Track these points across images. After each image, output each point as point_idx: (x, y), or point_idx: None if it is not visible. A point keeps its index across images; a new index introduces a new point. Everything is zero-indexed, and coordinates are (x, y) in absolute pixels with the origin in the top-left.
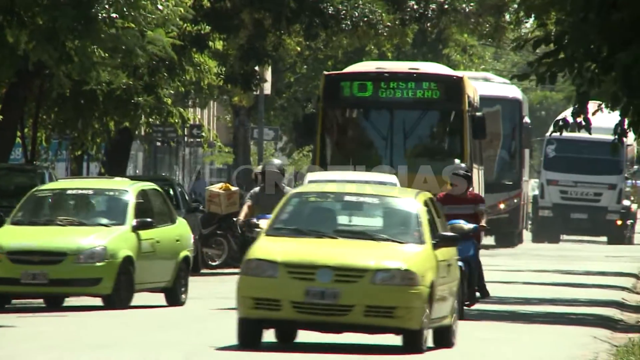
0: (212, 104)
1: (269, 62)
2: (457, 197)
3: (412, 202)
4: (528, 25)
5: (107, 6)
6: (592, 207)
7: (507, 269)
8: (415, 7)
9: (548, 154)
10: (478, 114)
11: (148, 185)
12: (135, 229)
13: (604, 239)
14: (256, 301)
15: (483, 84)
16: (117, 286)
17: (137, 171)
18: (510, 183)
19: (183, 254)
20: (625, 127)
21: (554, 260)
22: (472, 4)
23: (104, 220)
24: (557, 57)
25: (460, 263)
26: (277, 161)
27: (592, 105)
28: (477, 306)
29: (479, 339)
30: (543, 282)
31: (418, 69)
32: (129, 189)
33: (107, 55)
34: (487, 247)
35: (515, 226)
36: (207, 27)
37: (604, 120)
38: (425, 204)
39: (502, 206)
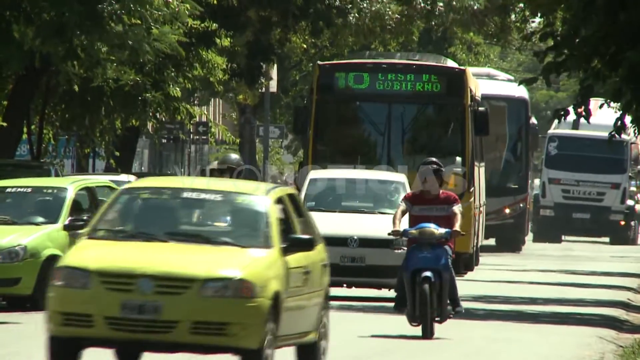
0: (217, 101)
1: (275, 59)
2: (428, 197)
3: (262, 200)
4: (534, 24)
5: (114, 2)
6: (595, 206)
7: (512, 268)
8: (422, 4)
9: (550, 152)
10: (480, 109)
11: (95, 182)
12: (67, 227)
13: (606, 239)
14: (66, 317)
15: (487, 82)
16: (40, 286)
17: (143, 168)
18: (516, 187)
19: None
20: (628, 123)
21: (558, 260)
22: (479, 2)
23: (38, 219)
24: (563, 52)
25: (428, 273)
26: (234, 156)
27: (595, 102)
28: (483, 305)
29: (485, 338)
30: (548, 282)
31: (418, 60)
32: (68, 187)
33: (113, 51)
34: (488, 249)
35: (520, 231)
36: (213, 24)
37: (607, 117)
38: (279, 201)
39: (507, 211)
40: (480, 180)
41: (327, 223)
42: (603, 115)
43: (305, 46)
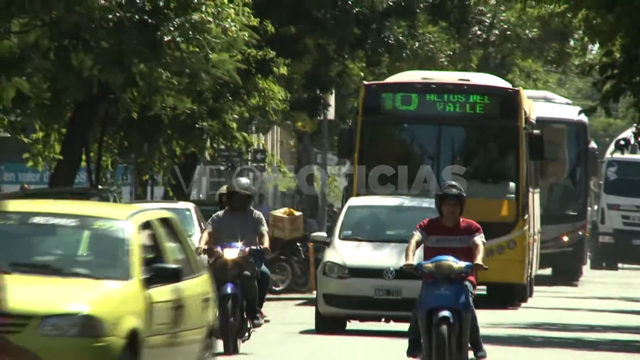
0: (275, 129)
1: (333, 87)
2: (446, 226)
3: (123, 225)
4: (594, 51)
5: (172, 30)
6: None
7: (569, 295)
8: (478, 32)
9: (609, 177)
10: (535, 131)
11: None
12: None
13: None
14: None
15: (544, 105)
16: None
17: (201, 195)
18: (575, 214)
19: None
20: None
21: (617, 287)
22: (534, 30)
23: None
24: (622, 79)
25: (447, 313)
26: (245, 180)
27: None
28: (541, 332)
29: None
30: (607, 309)
31: (469, 80)
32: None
33: (172, 79)
34: (544, 279)
35: (579, 260)
36: (271, 52)
37: None
38: (145, 226)
39: (565, 239)
40: (535, 207)
41: (362, 253)
42: None
43: (362, 74)
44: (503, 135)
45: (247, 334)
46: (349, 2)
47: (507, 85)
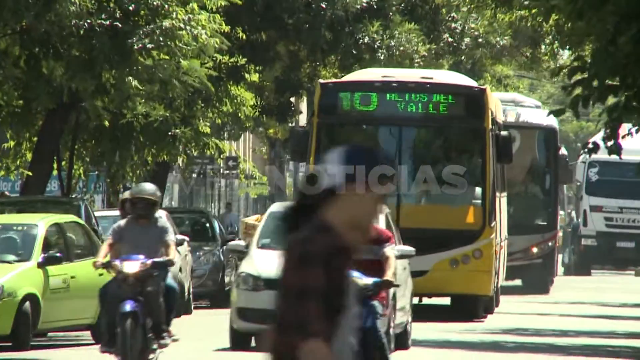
0: (247, 136)
1: (304, 93)
2: None
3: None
4: (565, 57)
5: (143, 37)
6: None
7: (542, 300)
8: (449, 40)
9: (590, 178)
10: (503, 133)
11: (63, 219)
12: (41, 265)
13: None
14: None
15: (512, 108)
16: (16, 325)
17: (173, 203)
18: (544, 224)
19: None
20: None
21: (589, 292)
22: (506, 37)
23: (10, 257)
24: (591, 84)
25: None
26: (150, 186)
27: (621, 129)
28: (514, 337)
29: None
30: (579, 314)
31: (432, 78)
32: (39, 224)
33: (143, 86)
34: (512, 290)
35: (549, 273)
36: (242, 59)
37: None
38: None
39: (534, 250)
40: (502, 213)
41: (276, 263)
42: None
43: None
44: (468, 136)
45: (152, 355)
46: (322, 5)
47: (473, 83)
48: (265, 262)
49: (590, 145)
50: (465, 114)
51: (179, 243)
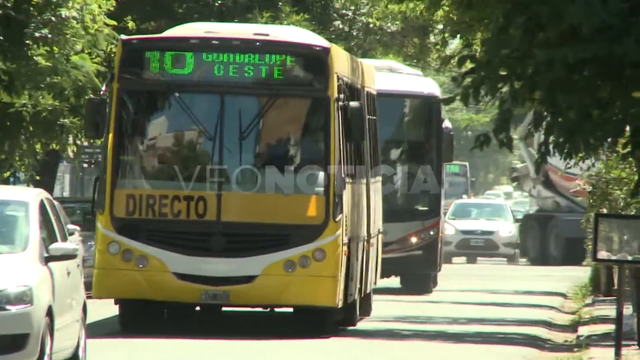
0: None
1: None
2: None
3: None
4: (453, 46)
5: (41, 26)
6: None
7: (435, 289)
8: (341, 26)
9: None
10: (353, 104)
11: None
12: None
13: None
14: None
15: (387, 76)
16: None
17: (65, 193)
18: (425, 209)
19: None
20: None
21: (481, 279)
22: (396, 22)
23: None
24: (481, 74)
25: None
26: None
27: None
28: (407, 325)
29: (408, 359)
30: (471, 302)
31: (268, 34)
32: None
33: (32, 77)
34: (391, 291)
35: (430, 266)
36: None
37: None
38: None
39: (413, 240)
40: (376, 201)
41: None
42: None
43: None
44: (308, 108)
45: None
46: None
47: (317, 41)
48: None
49: (481, 138)
50: (303, 79)
51: (70, 233)
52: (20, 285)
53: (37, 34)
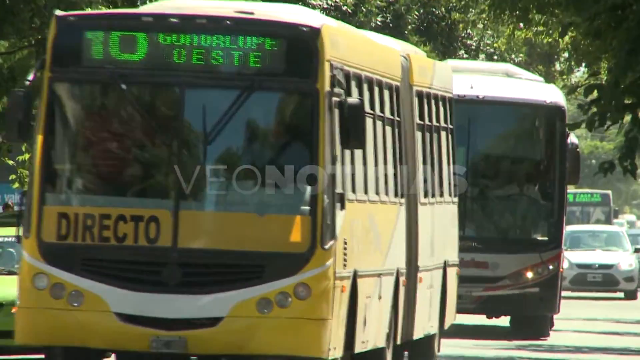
0: None
1: None
2: None
3: None
4: (579, 74)
5: None
6: None
7: (555, 317)
8: (465, 56)
9: None
10: (351, 100)
11: None
12: None
13: None
14: None
15: (503, 82)
16: None
17: None
18: (544, 239)
19: None
20: None
21: (604, 308)
22: (521, 54)
23: None
24: (607, 102)
25: None
26: None
27: None
28: (528, 354)
29: None
30: (593, 331)
31: (253, 12)
32: None
33: None
34: (498, 334)
35: (548, 307)
36: None
37: None
38: None
39: (529, 275)
40: (434, 226)
41: None
42: None
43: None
44: (290, 104)
45: None
46: None
47: (306, 21)
48: None
49: (605, 165)
50: (285, 68)
51: None
52: None
53: None
